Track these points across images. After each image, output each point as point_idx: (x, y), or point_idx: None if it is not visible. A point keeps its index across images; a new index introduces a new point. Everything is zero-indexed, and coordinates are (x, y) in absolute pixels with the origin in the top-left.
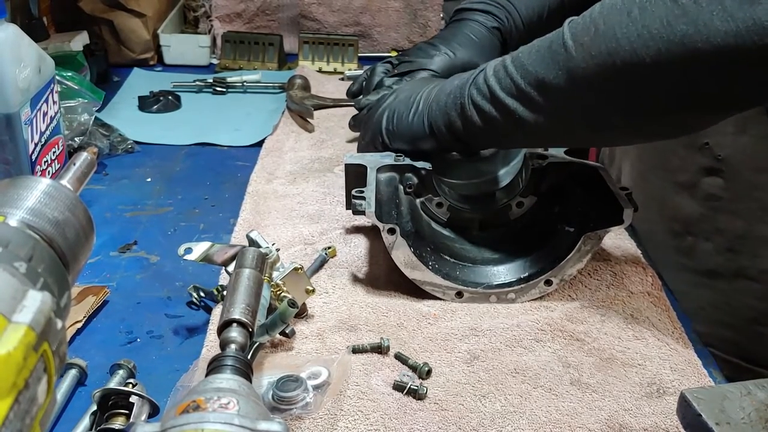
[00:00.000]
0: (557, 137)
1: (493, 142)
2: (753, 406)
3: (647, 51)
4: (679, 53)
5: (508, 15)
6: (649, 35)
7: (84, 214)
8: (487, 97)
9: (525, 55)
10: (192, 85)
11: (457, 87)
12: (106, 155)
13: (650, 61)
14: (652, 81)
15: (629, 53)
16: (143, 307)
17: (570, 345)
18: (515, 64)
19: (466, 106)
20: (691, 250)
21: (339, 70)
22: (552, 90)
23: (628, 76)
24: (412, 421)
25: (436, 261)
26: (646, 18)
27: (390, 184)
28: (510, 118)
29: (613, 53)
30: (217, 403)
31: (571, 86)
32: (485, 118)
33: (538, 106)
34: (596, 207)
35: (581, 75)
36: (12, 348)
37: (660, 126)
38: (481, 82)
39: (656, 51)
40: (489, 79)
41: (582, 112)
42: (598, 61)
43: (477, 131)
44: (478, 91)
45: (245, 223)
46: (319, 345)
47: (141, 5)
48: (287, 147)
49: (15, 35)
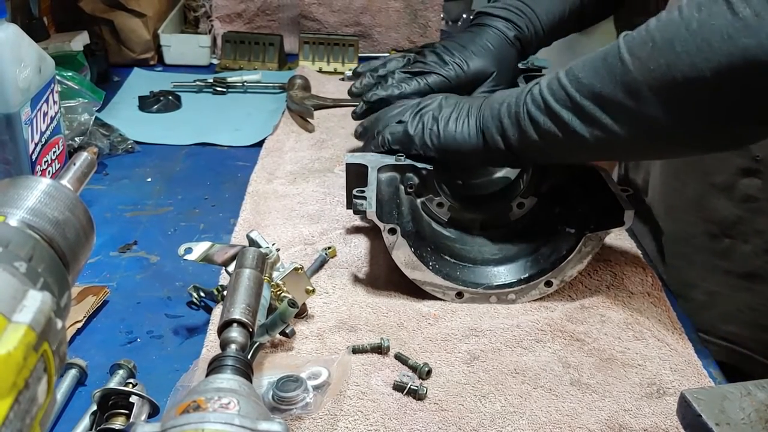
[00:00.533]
0: (613, 151)
1: (545, 155)
2: (753, 406)
3: (708, 64)
4: (740, 66)
5: (528, 23)
6: (709, 49)
7: (84, 214)
8: (541, 108)
9: (578, 68)
10: (192, 85)
11: (512, 96)
12: (106, 155)
13: (711, 74)
14: (712, 94)
15: (689, 67)
16: (143, 307)
17: (570, 345)
18: (569, 77)
19: (521, 116)
20: (728, 252)
21: (339, 70)
22: (609, 103)
23: (688, 90)
24: (412, 421)
25: (436, 261)
26: (706, 32)
27: (391, 184)
28: (565, 130)
29: (672, 67)
30: (217, 403)
31: (629, 99)
32: (540, 130)
33: (594, 119)
34: (597, 208)
35: (639, 89)
36: (12, 348)
37: (721, 139)
38: (536, 93)
39: (717, 64)
40: (543, 91)
41: (639, 124)
42: (656, 75)
43: (531, 142)
44: (533, 101)
45: (245, 223)
46: (319, 345)
47: (141, 5)
48: (287, 147)
49: (15, 35)
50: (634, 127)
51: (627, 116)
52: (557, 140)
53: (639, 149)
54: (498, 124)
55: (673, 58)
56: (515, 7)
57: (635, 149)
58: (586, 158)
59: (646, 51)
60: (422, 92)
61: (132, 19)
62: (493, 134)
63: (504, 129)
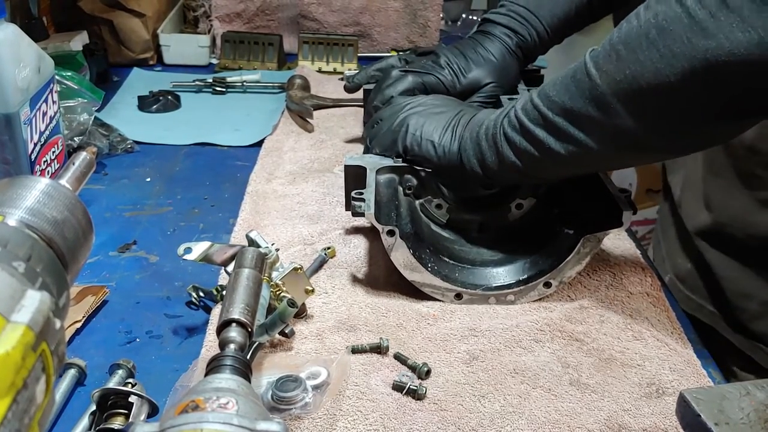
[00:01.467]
0: (589, 163)
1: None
2: (752, 406)
3: (671, 70)
4: (702, 68)
5: (531, 30)
6: (671, 54)
7: (83, 214)
8: (517, 129)
9: (549, 87)
10: (192, 85)
11: (491, 119)
12: (105, 155)
13: (675, 79)
14: (679, 98)
15: (653, 74)
16: (142, 307)
17: (569, 345)
18: (540, 97)
19: (498, 138)
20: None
21: (339, 70)
22: (579, 117)
23: (655, 97)
24: (412, 421)
25: (435, 263)
26: (666, 38)
27: (389, 186)
28: (541, 148)
29: (637, 76)
30: (216, 403)
31: (599, 112)
32: (517, 150)
33: (567, 134)
34: (595, 209)
35: (608, 101)
36: (10, 348)
37: (693, 139)
38: (512, 116)
39: (680, 69)
40: (518, 112)
41: (611, 136)
42: (623, 86)
43: (509, 163)
44: (509, 123)
45: (245, 223)
46: (319, 345)
47: (141, 5)
48: (287, 147)
49: (15, 35)
50: (607, 139)
51: (598, 129)
52: (534, 158)
53: (614, 159)
54: (476, 147)
55: (637, 68)
56: (518, 14)
57: (610, 159)
58: (563, 173)
59: (612, 64)
60: (416, 89)
61: (131, 19)
62: (470, 157)
63: (482, 152)
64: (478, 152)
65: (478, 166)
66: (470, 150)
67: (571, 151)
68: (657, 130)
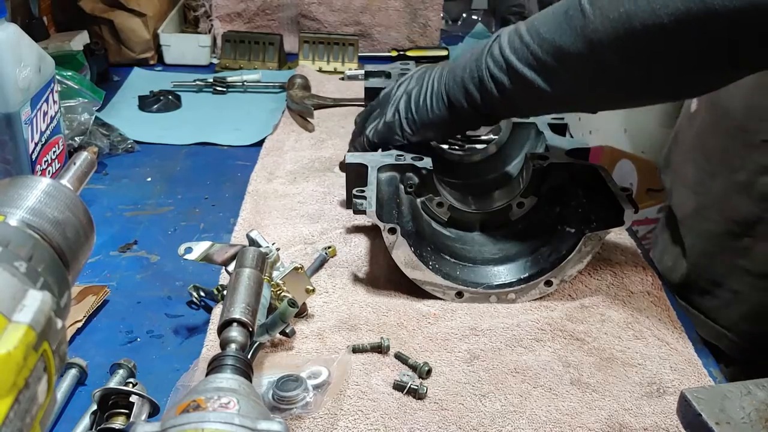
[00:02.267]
0: (577, 103)
1: (514, 111)
2: (753, 405)
3: (666, 11)
4: (697, 11)
5: None
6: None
7: (84, 214)
8: (503, 69)
9: (540, 23)
10: (192, 85)
11: (473, 60)
12: (106, 155)
13: (669, 20)
14: (671, 41)
15: (648, 14)
16: (143, 307)
17: (570, 345)
18: (531, 33)
19: (484, 79)
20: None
21: (339, 69)
22: (570, 57)
23: (648, 37)
24: (412, 420)
25: (436, 261)
26: None
27: (391, 184)
28: (530, 90)
29: (632, 15)
30: (217, 403)
31: (590, 51)
32: (505, 91)
33: (557, 75)
34: (597, 208)
35: (600, 39)
36: (12, 347)
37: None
38: (497, 53)
39: (675, 10)
40: (504, 50)
41: (602, 76)
42: (616, 24)
43: (497, 104)
44: (495, 62)
45: (245, 222)
46: (319, 344)
47: (141, 5)
48: (287, 146)
49: (15, 35)
50: (598, 79)
51: (590, 68)
52: (522, 98)
53: (603, 101)
54: (463, 91)
55: (632, 7)
56: None
57: (600, 101)
58: (554, 111)
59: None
60: None
61: (132, 19)
62: (462, 102)
63: (470, 95)
64: (466, 95)
65: (471, 108)
66: (459, 96)
67: (561, 92)
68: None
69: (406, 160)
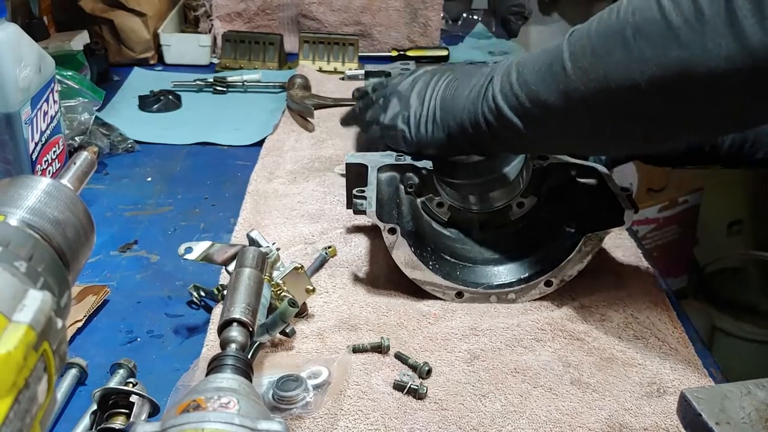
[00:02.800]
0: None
1: (507, 150)
2: (753, 405)
3: (642, 76)
4: (672, 77)
5: None
6: (643, 60)
7: (84, 214)
8: (495, 116)
9: (528, 72)
10: (192, 85)
11: (470, 101)
12: (106, 155)
13: (645, 86)
14: (646, 105)
15: (624, 77)
16: (143, 307)
17: (570, 345)
18: (519, 82)
19: (480, 123)
20: None
21: (339, 69)
22: (551, 111)
23: (623, 100)
24: (412, 420)
25: (436, 261)
26: (640, 41)
27: (391, 184)
28: (516, 135)
29: (609, 77)
30: (217, 403)
31: (568, 108)
32: (497, 135)
33: (540, 125)
34: (597, 208)
35: (579, 98)
36: (12, 347)
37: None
38: (491, 100)
39: (651, 76)
40: (497, 97)
41: (578, 133)
42: (595, 85)
43: (491, 144)
44: (489, 109)
45: (245, 222)
46: (320, 344)
47: (141, 4)
48: (287, 146)
49: (15, 35)
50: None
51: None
52: (511, 142)
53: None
54: (461, 130)
55: (610, 68)
56: None
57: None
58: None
59: (587, 60)
60: None
61: (132, 19)
62: (460, 139)
63: (467, 134)
64: (464, 134)
65: (468, 144)
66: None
67: (543, 140)
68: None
69: (406, 161)
